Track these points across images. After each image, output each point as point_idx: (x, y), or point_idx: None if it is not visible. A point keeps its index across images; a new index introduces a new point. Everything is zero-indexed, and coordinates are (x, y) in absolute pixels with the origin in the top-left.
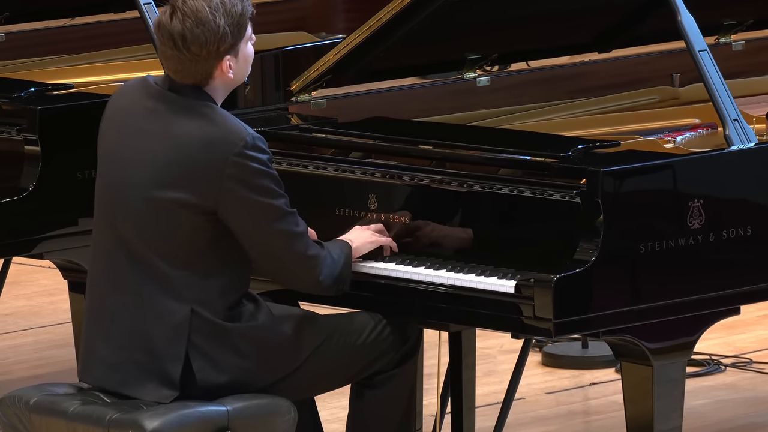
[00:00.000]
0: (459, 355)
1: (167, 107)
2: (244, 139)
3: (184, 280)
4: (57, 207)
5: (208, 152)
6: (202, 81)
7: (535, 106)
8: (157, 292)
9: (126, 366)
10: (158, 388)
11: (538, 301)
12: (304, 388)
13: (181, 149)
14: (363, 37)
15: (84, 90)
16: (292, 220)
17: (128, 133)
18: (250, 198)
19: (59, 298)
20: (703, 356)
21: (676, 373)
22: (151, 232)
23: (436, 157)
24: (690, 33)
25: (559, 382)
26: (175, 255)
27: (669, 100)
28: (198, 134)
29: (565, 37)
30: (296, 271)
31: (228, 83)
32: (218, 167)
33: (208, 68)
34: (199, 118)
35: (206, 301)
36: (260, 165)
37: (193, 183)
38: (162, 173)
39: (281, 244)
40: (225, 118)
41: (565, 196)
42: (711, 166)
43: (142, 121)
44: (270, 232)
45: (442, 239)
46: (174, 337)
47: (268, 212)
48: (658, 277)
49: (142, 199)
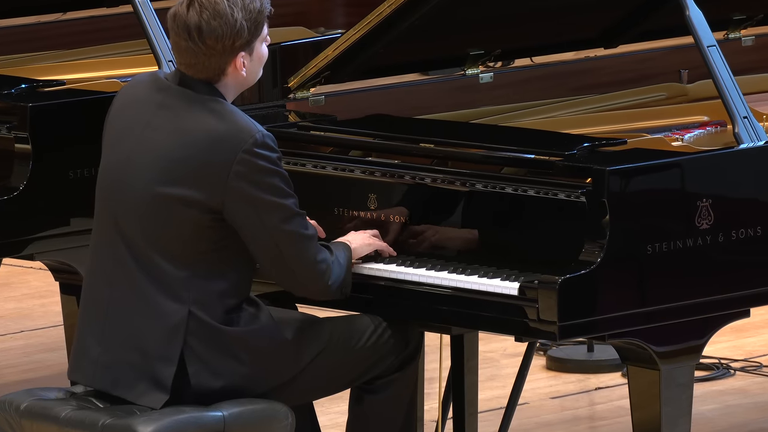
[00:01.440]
0: (461, 358)
1: (176, 102)
2: (254, 136)
3: (185, 280)
4: (48, 207)
5: (216, 149)
6: (214, 77)
7: (540, 103)
8: (156, 290)
9: (118, 366)
10: (149, 391)
11: (542, 304)
12: (302, 393)
13: (188, 145)
14: (363, 33)
15: (76, 87)
16: (301, 222)
17: (136, 127)
18: (258, 197)
19: (50, 301)
20: (712, 360)
21: (684, 377)
22: (153, 228)
23: (438, 156)
24: (698, 28)
25: (564, 386)
26: (177, 254)
27: (677, 97)
28: (206, 130)
29: (570, 32)
30: (304, 276)
31: (240, 82)
32: (226, 165)
33: (222, 64)
34: (208, 113)
35: (205, 303)
36: (269, 163)
37: (199, 180)
38: (168, 169)
39: (289, 247)
40: (234, 114)
41: (570, 196)
42: (720, 164)
43: (150, 115)
44: (278, 234)
45: (444, 240)
46: (169, 338)
47: (277, 212)
48: (666, 278)
49: (146, 194)
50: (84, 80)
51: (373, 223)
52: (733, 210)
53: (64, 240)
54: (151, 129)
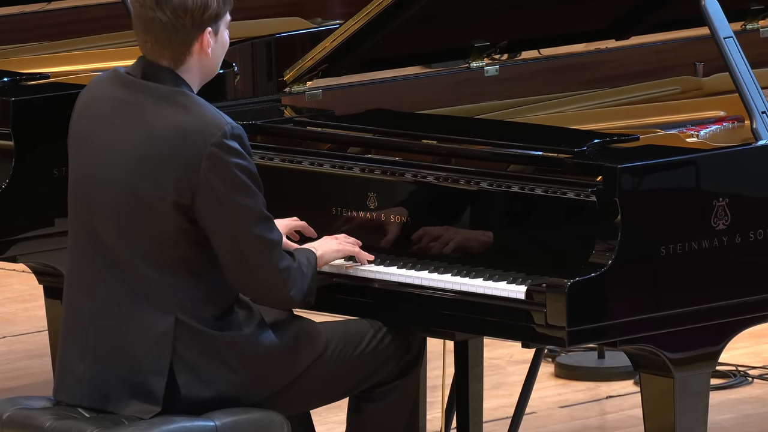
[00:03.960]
0: (465, 365)
1: (140, 98)
2: (222, 129)
3: (167, 285)
4: (32, 206)
5: (185, 144)
6: (178, 58)
7: (548, 98)
8: (139, 299)
9: (106, 381)
10: (141, 405)
11: (550, 308)
12: (298, 402)
13: (155, 142)
14: (362, 23)
15: (61, 80)
16: (267, 226)
17: (101, 128)
18: (225, 196)
19: (34, 305)
20: (729, 367)
21: (699, 385)
22: (130, 232)
23: (441, 153)
24: (714, 18)
25: (574, 395)
26: (157, 257)
27: (692, 90)
28: (173, 125)
29: (579, 23)
30: (267, 282)
31: (204, 66)
32: (195, 159)
33: (188, 40)
34: (175, 108)
35: (191, 308)
36: (239, 158)
37: (170, 178)
38: (138, 169)
39: (253, 252)
40: (202, 107)
41: (579, 195)
42: (737, 162)
43: (114, 114)
44: (242, 236)
45: (447, 242)
46: (157, 348)
47: (244, 213)
48: (680, 281)
49: (118, 197)
50: (70, 73)
51: (372, 223)
52: (751, 210)
53: (48, 241)
54: (118, 129)
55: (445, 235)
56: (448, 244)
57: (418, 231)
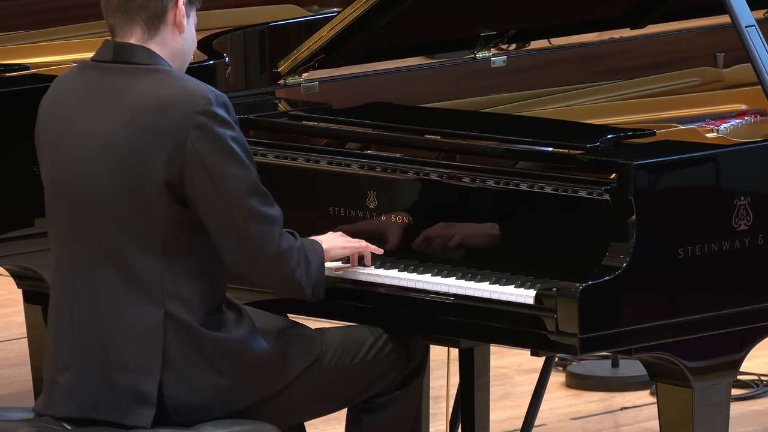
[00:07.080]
0: (471, 375)
1: (115, 81)
2: (207, 96)
3: (156, 274)
4: (10, 206)
5: (168, 117)
6: (151, 24)
7: (558, 90)
8: (126, 292)
9: (93, 389)
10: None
11: (561, 314)
12: (292, 412)
13: (136, 120)
14: (361, 11)
15: (42, 71)
16: (264, 200)
17: (77, 121)
18: (217, 168)
19: (13, 311)
20: (751, 377)
21: (719, 396)
22: (117, 220)
23: (445, 149)
24: (736, 6)
25: (586, 406)
26: (145, 244)
27: (711, 82)
28: (154, 100)
29: (592, 11)
30: (267, 264)
31: (175, 44)
32: (181, 132)
33: (160, 9)
34: (154, 83)
35: (181, 300)
36: (227, 128)
37: (158, 155)
38: (121, 152)
39: (250, 226)
40: (181, 79)
41: (592, 193)
42: (760, 158)
43: (90, 103)
44: (239, 209)
45: (452, 243)
46: (146, 344)
47: (238, 184)
48: (699, 285)
49: (101, 185)
50: (51, 64)
51: (372, 223)
52: None
53: (28, 243)
54: (97, 115)
55: (449, 236)
56: (451, 246)
57: (420, 232)
